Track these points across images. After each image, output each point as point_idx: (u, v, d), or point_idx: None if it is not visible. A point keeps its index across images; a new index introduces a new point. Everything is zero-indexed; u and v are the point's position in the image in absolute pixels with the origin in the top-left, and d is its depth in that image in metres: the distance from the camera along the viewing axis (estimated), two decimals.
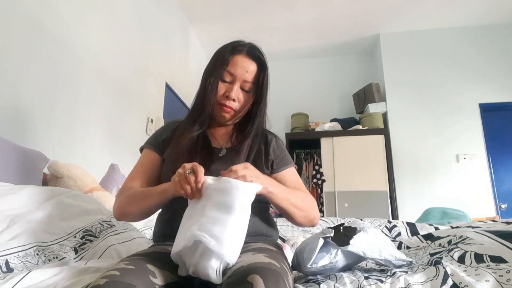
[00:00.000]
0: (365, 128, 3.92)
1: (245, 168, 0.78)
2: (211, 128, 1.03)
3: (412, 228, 1.49)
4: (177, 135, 0.99)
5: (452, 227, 1.22)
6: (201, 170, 0.74)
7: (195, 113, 1.00)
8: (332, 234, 0.81)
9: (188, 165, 0.75)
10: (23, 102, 1.59)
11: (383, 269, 0.84)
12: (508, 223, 0.96)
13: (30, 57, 1.63)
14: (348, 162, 3.76)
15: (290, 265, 0.88)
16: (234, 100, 0.96)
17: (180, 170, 0.76)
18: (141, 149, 1.05)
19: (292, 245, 1.41)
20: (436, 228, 1.45)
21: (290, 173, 1.02)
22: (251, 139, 0.99)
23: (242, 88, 0.97)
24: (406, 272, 0.74)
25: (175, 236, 0.75)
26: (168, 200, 0.84)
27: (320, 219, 1.76)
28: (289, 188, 0.91)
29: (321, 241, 0.78)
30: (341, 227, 0.87)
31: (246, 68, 0.96)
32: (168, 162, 0.96)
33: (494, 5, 3.68)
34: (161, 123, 3.00)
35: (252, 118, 1.01)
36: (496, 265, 0.69)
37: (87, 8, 2.09)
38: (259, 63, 0.98)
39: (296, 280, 0.83)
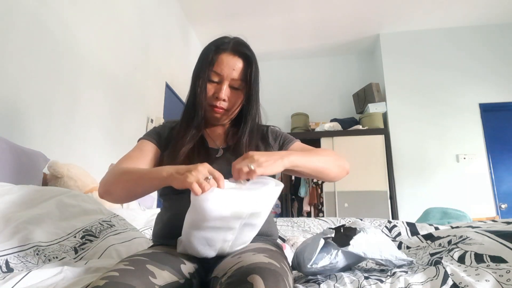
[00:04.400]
0: (365, 128, 3.92)
1: (243, 160, 0.75)
2: (207, 128, 1.03)
3: (412, 228, 1.49)
4: (174, 138, 0.98)
5: (452, 227, 1.22)
6: (221, 179, 0.70)
7: (188, 116, 0.98)
8: (332, 235, 0.81)
9: (208, 169, 0.70)
10: (23, 102, 1.59)
11: (383, 269, 0.84)
12: (508, 223, 0.96)
13: (30, 56, 1.63)
14: (348, 162, 3.75)
15: (290, 265, 0.87)
16: (224, 100, 0.95)
17: (200, 170, 0.69)
18: (139, 140, 1.02)
19: (292, 245, 1.41)
20: (436, 228, 1.44)
21: (296, 147, 1.01)
22: (247, 137, 0.97)
23: (231, 86, 0.96)
24: (406, 272, 0.74)
25: (175, 236, 0.75)
26: (160, 187, 0.81)
27: (320, 219, 1.76)
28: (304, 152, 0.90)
29: (321, 242, 0.78)
30: (342, 228, 0.87)
31: (232, 66, 0.94)
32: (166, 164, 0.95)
33: (494, 6, 3.68)
34: (161, 123, 2.99)
35: (244, 116, 1.00)
36: (496, 265, 0.69)
37: (87, 8, 2.09)
38: (245, 59, 0.96)
39: (296, 280, 0.83)
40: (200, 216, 0.68)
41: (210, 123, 1.02)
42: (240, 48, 0.96)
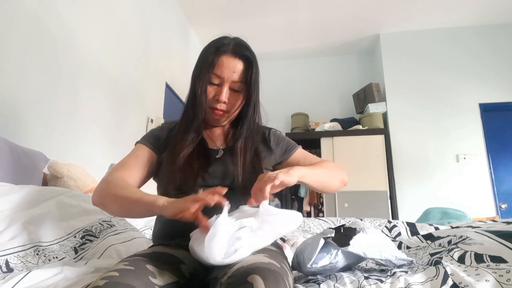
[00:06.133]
0: (365, 128, 3.92)
1: (260, 179, 0.76)
2: (207, 130, 1.02)
3: (412, 228, 1.49)
4: (173, 141, 0.98)
5: (452, 227, 1.22)
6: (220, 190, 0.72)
7: (187, 118, 0.98)
8: (332, 235, 0.81)
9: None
10: (23, 102, 1.59)
11: (383, 269, 0.84)
12: (508, 223, 0.96)
13: (30, 56, 1.63)
14: (348, 162, 3.76)
15: (290, 265, 0.87)
16: (224, 102, 0.94)
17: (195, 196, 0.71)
18: (136, 144, 1.02)
19: (292, 245, 1.41)
20: (436, 228, 1.44)
21: (298, 154, 1.03)
22: (243, 140, 0.97)
23: (231, 88, 0.95)
24: (406, 272, 0.74)
25: (174, 236, 0.75)
26: (153, 215, 0.82)
27: (320, 219, 1.76)
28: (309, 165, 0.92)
29: (322, 242, 0.78)
30: (342, 228, 0.87)
31: (232, 69, 0.93)
32: (165, 168, 0.95)
33: (494, 5, 3.68)
34: (161, 123, 3.00)
35: (242, 118, 0.99)
36: (496, 265, 0.69)
37: (87, 8, 2.09)
38: (245, 61, 0.95)
39: (296, 280, 0.83)
40: (207, 261, 0.68)
41: (210, 124, 1.02)
42: (240, 49, 0.95)
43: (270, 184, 0.72)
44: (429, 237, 1.07)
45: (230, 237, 0.67)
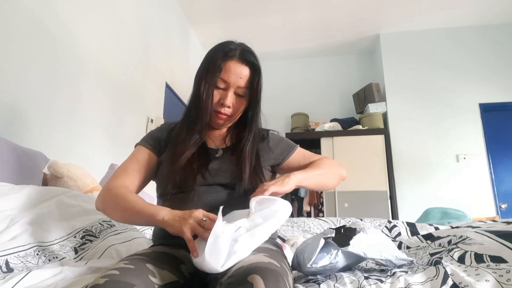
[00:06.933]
0: (365, 128, 3.92)
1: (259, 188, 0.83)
2: (207, 130, 1.03)
3: (412, 228, 1.49)
4: (174, 141, 0.98)
5: (452, 227, 1.22)
6: (217, 218, 0.73)
7: (190, 119, 0.98)
8: (333, 235, 0.81)
9: (203, 214, 0.74)
10: (23, 102, 1.59)
11: (383, 269, 0.84)
12: (508, 223, 0.96)
13: (30, 56, 1.63)
14: (348, 162, 3.75)
15: (290, 265, 0.88)
16: (229, 106, 0.95)
17: (195, 215, 0.72)
18: (136, 146, 1.03)
19: (292, 245, 1.41)
20: (436, 228, 1.44)
21: (298, 154, 1.05)
22: (250, 144, 0.98)
23: (236, 93, 0.96)
24: (406, 272, 0.74)
25: (174, 236, 0.75)
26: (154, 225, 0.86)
27: (320, 219, 1.76)
28: (305, 169, 0.97)
29: (322, 242, 0.78)
30: (342, 228, 0.87)
31: (239, 74, 0.94)
32: (164, 168, 0.95)
33: (494, 5, 3.68)
34: (161, 123, 3.00)
35: (249, 123, 1.01)
36: (496, 265, 0.69)
37: (87, 8, 2.09)
38: (252, 67, 0.96)
39: (296, 280, 0.83)
40: (209, 271, 0.68)
41: (211, 126, 1.02)
42: (247, 56, 0.96)
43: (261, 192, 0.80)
44: (429, 237, 1.07)
45: (229, 242, 0.67)
